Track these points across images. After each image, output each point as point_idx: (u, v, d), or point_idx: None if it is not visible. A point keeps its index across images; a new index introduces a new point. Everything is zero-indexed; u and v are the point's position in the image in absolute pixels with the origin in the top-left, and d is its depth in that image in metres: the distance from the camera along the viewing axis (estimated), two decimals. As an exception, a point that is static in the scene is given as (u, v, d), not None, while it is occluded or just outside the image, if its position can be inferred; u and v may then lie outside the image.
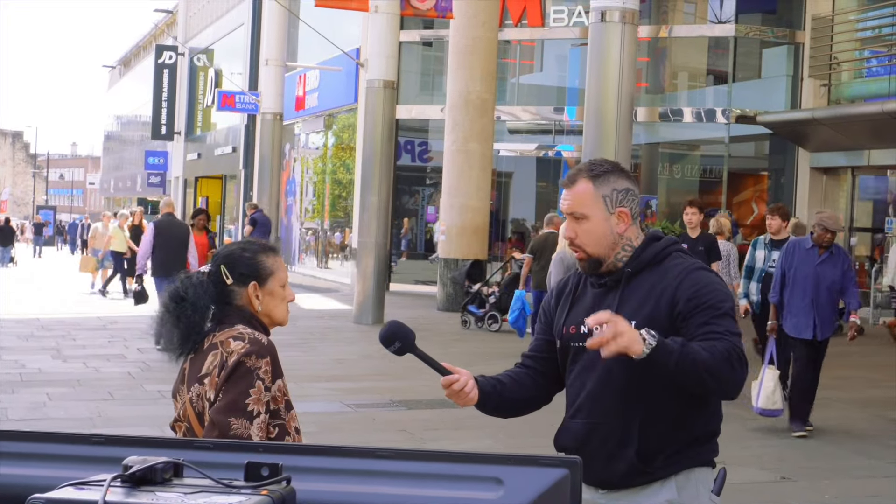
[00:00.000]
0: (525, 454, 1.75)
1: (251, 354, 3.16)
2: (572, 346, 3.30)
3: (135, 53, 66.01)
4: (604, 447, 3.19)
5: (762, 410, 9.57)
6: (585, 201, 3.24)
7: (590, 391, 3.23)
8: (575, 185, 3.27)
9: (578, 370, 3.28)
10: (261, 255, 3.40)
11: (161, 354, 3.45)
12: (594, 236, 3.24)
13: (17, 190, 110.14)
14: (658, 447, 3.14)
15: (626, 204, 3.26)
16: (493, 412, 3.42)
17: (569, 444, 3.30)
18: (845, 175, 23.12)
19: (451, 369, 3.22)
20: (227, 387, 3.14)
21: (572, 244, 3.30)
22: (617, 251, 3.24)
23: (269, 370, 3.18)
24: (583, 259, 3.29)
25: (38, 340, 15.01)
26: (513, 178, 27.99)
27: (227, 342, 3.21)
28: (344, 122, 30.49)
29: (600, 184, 3.25)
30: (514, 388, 3.39)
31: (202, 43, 46.60)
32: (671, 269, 3.20)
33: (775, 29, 24.03)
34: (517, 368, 3.48)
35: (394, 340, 3.15)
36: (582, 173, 3.29)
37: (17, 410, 9.79)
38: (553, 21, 25.45)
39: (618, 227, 3.24)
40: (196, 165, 47.37)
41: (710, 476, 3.25)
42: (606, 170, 3.29)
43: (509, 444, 8.68)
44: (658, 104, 25.07)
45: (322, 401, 10.67)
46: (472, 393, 3.23)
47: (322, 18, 26.43)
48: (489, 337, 16.78)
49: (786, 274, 9.77)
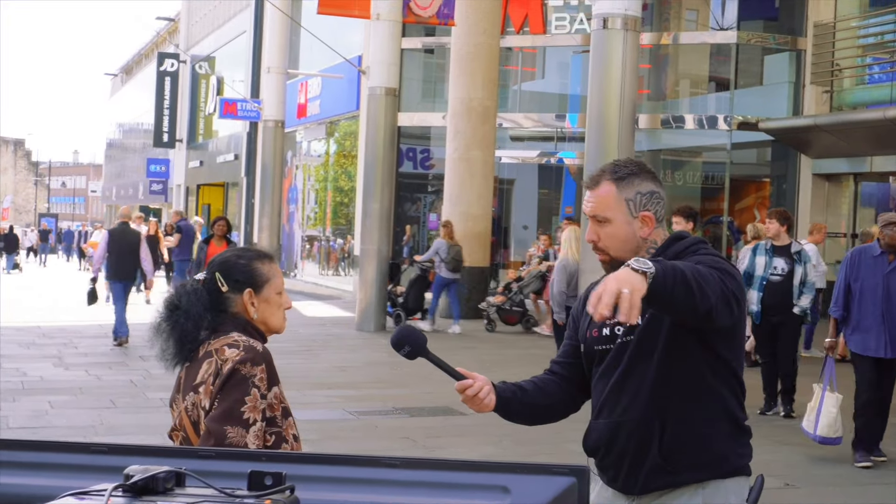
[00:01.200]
0: (532, 462, 1.73)
1: (246, 362, 3.13)
2: (596, 350, 3.25)
3: (137, 61, 66.10)
4: (627, 446, 3.13)
5: (823, 439, 8.75)
6: (609, 204, 3.16)
7: (611, 390, 3.17)
8: (598, 188, 3.18)
9: (602, 372, 3.23)
10: (256, 262, 3.37)
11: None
12: (617, 240, 3.16)
13: (19, 198, 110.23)
14: (680, 443, 3.07)
15: (650, 207, 3.17)
16: (514, 418, 3.36)
17: (596, 445, 3.25)
18: (848, 182, 23.11)
19: (465, 374, 3.16)
20: (222, 395, 3.11)
21: (596, 248, 3.21)
22: (640, 255, 3.13)
23: (264, 377, 3.15)
24: (605, 261, 3.21)
25: (39, 348, 15.00)
26: (515, 185, 27.98)
27: (222, 350, 3.18)
28: (346, 130, 30.49)
29: (624, 187, 3.16)
30: (535, 394, 3.33)
31: (204, 50, 46.64)
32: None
33: (777, 36, 24.03)
34: (544, 375, 3.43)
35: (404, 344, 3.12)
36: (605, 175, 3.20)
37: (19, 419, 9.77)
38: (555, 28, 25.45)
39: (641, 231, 3.16)
40: (198, 173, 47.40)
41: (744, 486, 3.14)
42: (631, 171, 3.19)
43: (514, 452, 8.66)
44: (660, 111, 25.07)
45: (324, 408, 10.64)
46: (488, 399, 3.17)
47: (324, 26, 26.46)
48: (496, 343, 16.76)
49: (851, 286, 8.80)
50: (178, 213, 25.34)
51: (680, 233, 3.28)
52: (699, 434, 3.08)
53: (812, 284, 10.71)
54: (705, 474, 3.08)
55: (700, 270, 2.83)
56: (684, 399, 3.07)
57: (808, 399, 9.11)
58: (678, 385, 3.06)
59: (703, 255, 3.09)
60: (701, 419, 3.09)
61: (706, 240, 3.36)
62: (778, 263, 10.73)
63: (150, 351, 3.42)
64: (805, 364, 12.24)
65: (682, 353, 3.04)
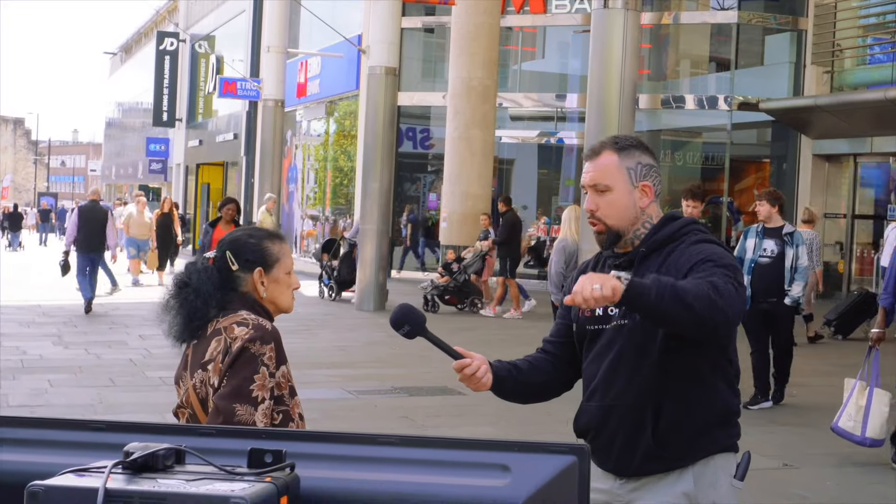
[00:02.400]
0: (532, 441, 1.73)
1: (255, 340, 3.14)
2: (588, 329, 3.27)
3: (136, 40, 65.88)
4: (620, 430, 3.15)
5: (873, 441, 8.04)
6: (610, 172, 3.19)
7: (604, 373, 3.19)
8: (599, 157, 3.23)
9: (595, 353, 3.25)
10: (266, 242, 3.38)
11: (163, 341, 3.43)
12: (617, 208, 3.19)
13: (19, 177, 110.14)
14: (674, 430, 3.09)
15: (649, 178, 3.22)
16: (509, 397, 3.39)
17: (586, 427, 3.27)
18: (847, 162, 23.09)
19: (463, 353, 3.18)
20: (231, 373, 3.13)
21: (592, 216, 3.22)
22: (637, 227, 3.20)
23: (273, 356, 3.16)
24: (602, 232, 3.22)
25: (39, 327, 15.01)
26: (514, 165, 27.96)
27: (231, 328, 3.19)
28: (345, 109, 30.43)
29: (625, 156, 3.21)
30: (530, 372, 3.36)
31: (203, 30, 46.51)
32: (685, 246, 3.13)
33: (778, 16, 23.98)
34: (536, 353, 3.46)
35: (403, 324, 3.13)
36: (607, 146, 3.25)
37: (18, 397, 9.78)
38: (555, 7, 25.39)
39: (641, 201, 3.20)
40: (197, 152, 47.32)
41: (731, 462, 3.18)
42: (631, 144, 3.26)
43: (511, 432, 8.67)
44: (660, 91, 25.04)
45: (324, 388, 10.66)
46: (486, 378, 3.19)
47: (323, 5, 26.42)
48: (496, 323, 16.78)
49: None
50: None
51: (673, 213, 3.32)
52: (693, 421, 3.10)
53: (804, 270, 10.13)
54: (697, 456, 3.12)
55: (714, 289, 2.85)
56: (679, 386, 3.09)
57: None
58: (673, 372, 3.08)
59: (703, 244, 3.11)
60: (695, 406, 3.11)
61: (699, 220, 3.37)
62: (768, 245, 10.14)
63: (150, 330, 3.43)
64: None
65: (678, 341, 3.04)
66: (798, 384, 11.07)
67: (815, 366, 13.24)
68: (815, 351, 14.76)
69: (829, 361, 13.73)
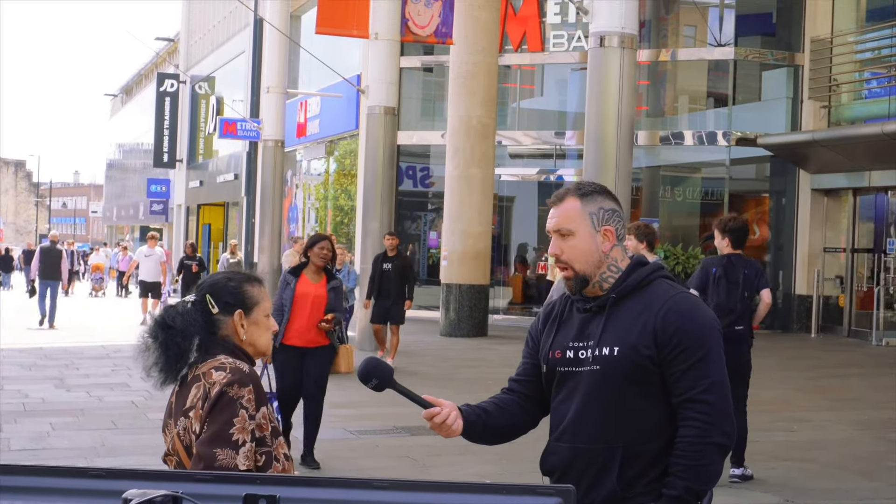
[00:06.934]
0: (520, 484, 1.76)
1: (233, 384, 3.16)
2: (558, 371, 3.31)
3: (136, 81, 66.25)
4: (587, 472, 3.19)
5: None
6: (573, 217, 3.29)
7: (574, 416, 3.23)
8: (563, 203, 3.33)
9: (564, 395, 3.29)
10: (246, 285, 3.43)
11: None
12: (580, 252, 3.27)
13: (20, 219, 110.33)
14: (640, 473, 3.14)
15: (611, 223, 3.30)
16: (479, 440, 3.44)
17: (554, 467, 3.32)
18: (846, 196, 23.16)
19: (432, 401, 3.24)
20: (210, 418, 3.15)
21: (558, 261, 3.32)
22: (602, 270, 3.27)
23: (252, 398, 3.18)
24: (569, 278, 3.30)
25: (40, 370, 15.01)
26: (514, 202, 28.03)
27: (210, 373, 3.21)
28: (345, 149, 30.56)
29: (588, 202, 3.30)
30: (498, 415, 3.42)
31: (203, 71, 46.77)
32: (656, 296, 3.21)
33: (775, 51, 24.12)
34: (503, 394, 3.50)
35: (371, 377, 3.19)
36: (570, 192, 3.35)
37: (20, 440, 9.79)
38: (553, 46, 25.55)
39: (603, 245, 3.27)
40: (198, 193, 47.47)
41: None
42: (594, 190, 3.35)
43: (512, 471, 8.67)
44: (659, 127, 25.13)
45: (324, 427, 10.63)
46: (456, 424, 3.26)
47: (323, 45, 26.55)
48: (497, 362, 16.76)
49: None
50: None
51: (640, 258, 3.37)
52: (659, 464, 3.15)
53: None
54: (657, 494, 3.15)
55: (697, 464, 3.11)
56: (648, 431, 3.15)
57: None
58: (643, 417, 3.14)
59: (674, 299, 3.20)
60: (663, 451, 3.15)
61: (664, 265, 3.44)
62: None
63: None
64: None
65: (649, 388, 3.13)
66: (799, 420, 11.07)
67: (817, 401, 13.25)
68: (817, 386, 14.77)
69: (831, 396, 13.74)
